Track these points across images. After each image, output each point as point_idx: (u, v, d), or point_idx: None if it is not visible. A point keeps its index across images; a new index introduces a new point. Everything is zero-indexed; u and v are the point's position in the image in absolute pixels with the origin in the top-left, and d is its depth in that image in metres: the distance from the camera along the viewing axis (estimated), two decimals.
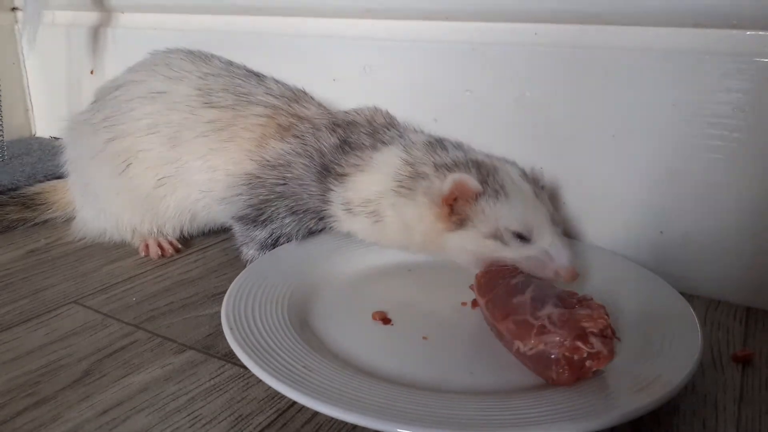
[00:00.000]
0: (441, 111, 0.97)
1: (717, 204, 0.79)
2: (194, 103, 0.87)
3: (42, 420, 0.59)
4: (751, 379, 0.65)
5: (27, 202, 1.05)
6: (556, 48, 0.86)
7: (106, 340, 0.72)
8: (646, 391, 0.54)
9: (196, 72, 0.90)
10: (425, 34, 0.96)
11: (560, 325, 0.57)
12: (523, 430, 0.51)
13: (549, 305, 0.60)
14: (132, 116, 0.89)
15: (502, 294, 0.64)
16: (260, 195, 0.83)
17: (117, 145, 0.90)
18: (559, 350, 0.57)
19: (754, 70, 0.74)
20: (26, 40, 1.53)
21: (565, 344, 0.56)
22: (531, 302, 0.61)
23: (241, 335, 0.64)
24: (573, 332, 0.56)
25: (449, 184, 0.71)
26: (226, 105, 0.87)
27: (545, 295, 0.61)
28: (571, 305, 0.60)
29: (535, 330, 0.58)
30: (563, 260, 0.69)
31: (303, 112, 0.88)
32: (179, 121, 0.87)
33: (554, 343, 0.57)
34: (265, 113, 0.87)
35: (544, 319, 0.58)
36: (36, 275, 0.89)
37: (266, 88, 0.90)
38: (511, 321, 0.61)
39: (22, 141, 1.52)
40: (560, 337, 0.57)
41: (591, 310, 0.58)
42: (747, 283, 0.79)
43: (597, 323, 0.57)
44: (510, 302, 0.62)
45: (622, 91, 0.82)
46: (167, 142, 0.87)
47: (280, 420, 0.59)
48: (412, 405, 0.54)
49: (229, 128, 0.86)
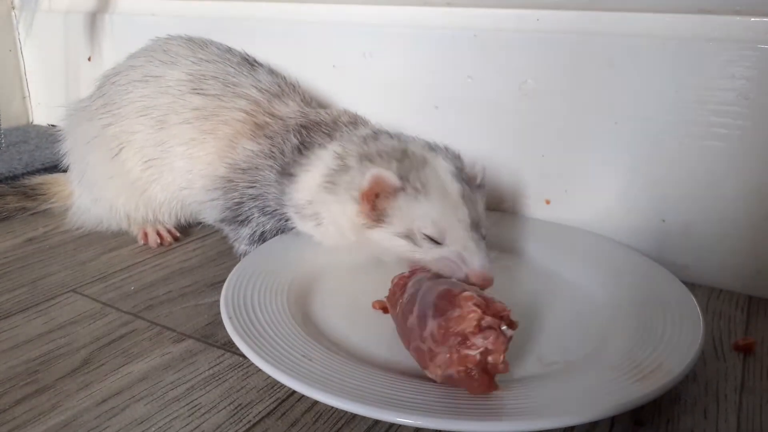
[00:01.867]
0: (442, 98, 0.96)
1: (719, 192, 0.79)
2: (183, 87, 0.87)
3: (41, 409, 0.59)
4: (753, 367, 0.65)
5: (28, 191, 1.05)
6: (558, 34, 0.85)
7: (104, 329, 0.72)
8: (647, 380, 0.54)
9: (191, 57, 0.90)
10: (426, 21, 0.95)
11: (441, 340, 0.53)
12: (522, 421, 0.51)
13: (429, 319, 0.55)
14: (128, 99, 0.90)
15: (400, 317, 0.61)
16: (234, 198, 0.84)
17: (112, 129, 0.90)
18: (454, 368, 0.52)
19: (758, 57, 0.73)
20: (23, 27, 1.52)
21: (454, 360, 0.52)
22: (418, 322, 0.57)
23: (241, 324, 0.64)
24: (454, 344, 0.52)
25: (367, 179, 0.68)
26: (213, 93, 0.87)
27: (426, 306, 0.57)
28: (444, 309, 0.55)
29: (428, 356, 0.54)
30: (475, 264, 0.65)
31: (279, 111, 0.86)
32: (167, 105, 0.87)
33: (446, 363, 0.53)
34: (246, 108, 0.86)
35: (429, 340, 0.54)
36: (34, 264, 0.88)
37: (255, 79, 0.89)
38: (413, 350, 0.57)
39: (20, 129, 1.51)
40: (446, 353, 0.53)
41: (460, 308, 0.53)
42: (749, 272, 0.79)
43: (469, 320, 0.52)
44: (405, 326, 0.59)
45: (625, 78, 0.81)
46: (155, 125, 0.88)
47: (279, 409, 0.58)
48: (411, 394, 0.54)
49: (212, 118, 0.86)
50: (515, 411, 0.52)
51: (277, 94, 0.88)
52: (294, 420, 0.57)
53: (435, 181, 0.68)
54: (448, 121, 0.97)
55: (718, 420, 0.57)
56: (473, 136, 0.95)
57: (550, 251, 0.82)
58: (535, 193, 0.92)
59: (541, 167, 0.91)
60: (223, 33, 0.99)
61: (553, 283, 0.77)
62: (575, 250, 0.82)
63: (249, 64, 0.91)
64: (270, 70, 0.92)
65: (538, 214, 0.92)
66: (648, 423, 0.57)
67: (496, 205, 0.96)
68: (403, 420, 0.51)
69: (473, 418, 0.51)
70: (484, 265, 0.65)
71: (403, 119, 1.00)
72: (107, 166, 0.91)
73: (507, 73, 0.90)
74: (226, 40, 0.96)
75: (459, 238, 0.66)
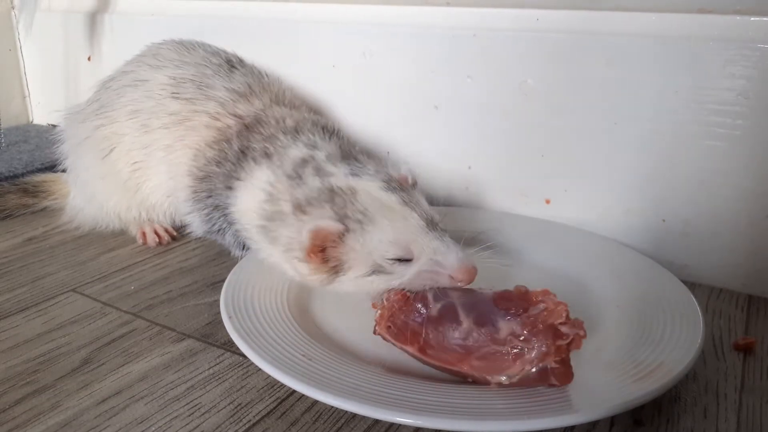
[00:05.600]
0: (441, 98, 0.96)
1: (719, 192, 0.79)
2: (164, 91, 0.87)
3: (41, 408, 0.59)
4: (753, 367, 0.65)
5: (29, 188, 1.06)
6: (558, 34, 0.85)
7: (104, 329, 0.72)
8: (647, 380, 0.54)
9: (176, 60, 0.90)
10: (426, 20, 0.95)
11: (533, 336, 0.54)
12: (522, 421, 0.51)
13: (500, 322, 0.55)
14: (119, 103, 0.90)
15: (435, 334, 0.58)
16: (202, 209, 0.82)
17: (104, 131, 0.91)
18: (546, 360, 0.53)
19: (758, 57, 0.73)
20: (23, 26, 1.52)
21: (549, 352, 0.53)
22: (478, 329, 0.56)
23: (241, 324, 0.64)
24: (549, 336, 0.53)
25: (307, 236, 0.64)
26: (187, 97, 0.85)
27: (486, 311, 0.56)
28: (518, 309, 0.55)
29: (512, 357, 0.55)
30: (453, 262, 0.62)
31: (242, 110, 0.83)
32: (150, 109, 0.87)
33: (539, 357, 0.54)
34: (212, 111, 0.83)
35: (511, 340, 0.54)
36: (34, 263, 0.88)
37: (228, 80, 0.86)
38: (474, 359, 0.56)
39: (20, 128, 1.51)
40: (541, 347, 0.53)
41: (545, 304, 0.55)
42: (749, 271, 0.79)
43: (558, 312, 0.54)
44: (450, 340, 0.57)
45: (625, 77, 0.81)
46: (140, 128, 0.88)
47: (279, 408, 0.58)
48: (410, 394, 0.54)
49: (184, 123, 0.84)
50: (515, 410, 0.52)
51: (244, 93, 0.85)
52: (294, 419, 0.57)
53: (372, 204, 0.65)
54: (448, 120, 0.97)
55: (718, 419, 0.57)
56: (473, 136, 0.95)
57: (550, 251, 0.82)
58: (535, 193, 0.92)
59: (541, 167, 0.91)
60: (223, 33, 0.99)
61: (553, 283, 0.75)
62: (575, 250, 0.82)
63: (230, 65, 0.89)
64: (251, 71, 0.90)
65: (539, 213, 0.92)
66: (648, 422, 0.56)
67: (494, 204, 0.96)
68: (403, 420, 0.51)
69: (473, 417, 0.51)
70: (461, 259, 0.62)
71: (403, 119, 1.01)
72: (98, 165, 0.91)
73: (507, 72, 0.90)
74: (226, 40, 0.96)
75: (424, 245, 0.63)
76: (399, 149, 1.02)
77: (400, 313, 0.61)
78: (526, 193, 0.93)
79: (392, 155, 1.02)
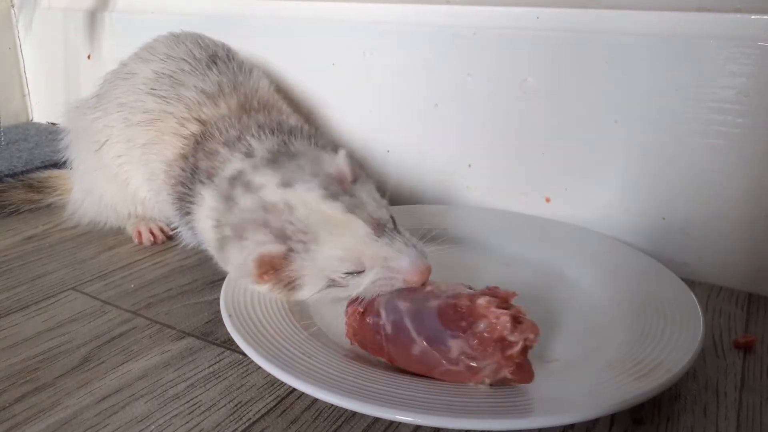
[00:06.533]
0: (441, 96, 0.96)
1: (719, 190, 0.79)
2: (144, 86, 0.85)
3: (41, 407, 0.59)
4: (753, 365, 0.65)
5: (34, 183, 1.06)
6: (558, 32, 0.85)
7: (104, 327, 0.72)
8: (646, 378, 0.54)
9: (163, 54, 0.88)
10: (426, 18, 0.95)
11: (482, 355, 0.53)
12: (522, 419, 0.51)
13: (449, 340, 0.54)
14: (113, 95, 0.90)
15: (393, 351, 0.58)
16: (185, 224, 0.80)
17: (98, 123, 0.90)
18: (501, 372, 0.53)
19: (758, 55, 0.73)
20: (22, 25, 1.52)
21: (502, 364, 0.53)
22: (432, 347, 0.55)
23: (240, 322, 0.64)
24: (496, 351, 0.53)
25: (251, 266, 0.62)
26: (161, 95, 0.83)
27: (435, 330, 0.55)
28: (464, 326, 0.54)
29: (467, 374, 0.54)
30: (404, 266, 0.60)
31: (205, 115, 0.80)
32: (132, 103, 0.86)
33: (492, 371, 0.53)
34: (180, 116, 0.81)
35: (463, 360, 0.54)
36: (34, 262, 0.88)
37: (201, 78, 0.83)
38: (437, 374, 0.56)
39: (19, 126, 1.51)
40: (492, 364, 0.53)
41: (486, 318, 0.53)
42: (749, 269, 0.79)
43: (501, 324, 0.53)
44: (411, 355, 0.56)
45: (625, 76, 0.81)
46: (124, 121, 0.87)
47: (279, 407, 0.58)
48: (411, 392, 0.54)
49: (156, 123, 0.82)
50: (515, 409, 0.52)
51: (213, 94, 0.82)
52: (294, 418, 0.57)
53: (312, 217, 0.62)
54: (448, 118, 0.97)
55: (718, 418, 0.57)
56: (473, 134, 0.95)
57: (550, 249, 0.82)
58: (535, 191, 0.92)
59: (541, 165, 0.91)
60: (223, 30, 0.99)
61: (552, 281, 0.77)
62: (575, 248, 0.82)
63: (211, 60, 0.86)
64: (230, 68, 0.87)
65: (539, 211, 0.92)
66: (648, 421, 0.56)
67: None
68: (403, 418, 0.51)
69: (472, 416, 0.51)
70: (412, 261, 0.60)
71: (402, 117, 1.01)
72: (92, 158, 0.91)
73: (507, 70, 0.90)
74: (226, 38, 0.95)
75: (373, 254, 0.60)
76: (398, 147, 1.02)
77: (360, 328, 0.60)
78: (526, 192, 0.93)
79: (392, 153, 1.03)
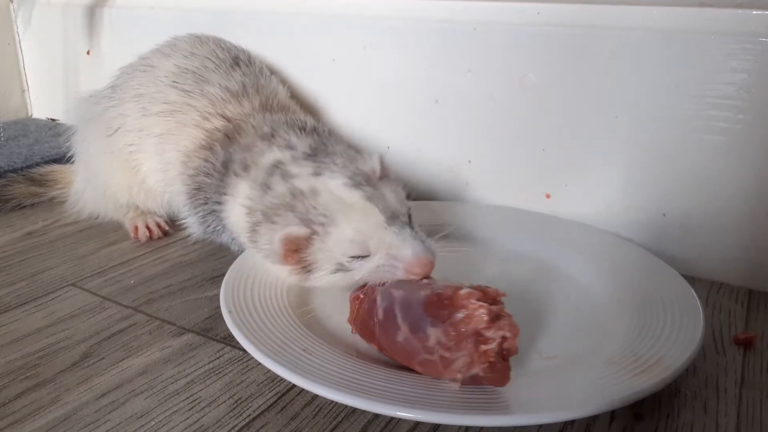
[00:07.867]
0: (442, 92, 0.96)
1: (720, 186, 0.78)
2: (167, 79, 0.89)
3: (41, 402, 0.59)
4: (753, 361, 0.65)
5: (36, 177, 1.07)
6: (558, 28, 0.85)
7: (104, 323, 0.72)
8: (647, 374, 0.54)
9: (186, 51, 0.91)
10: (426, 14, 0.94)
11: (456, 346, 0.52)
12: (522, 415, 0.51)
13: (428, 328, 0.54)
14: (130, 85, 0.92)
15: (383, 337, 0.58)
16: (197, 213, 0.83)
17: (113, 112, 0.92)
18: (472, 368, 0.52)
19: (759, 51, 0.73)
20: (21, 20, 1.52)
21: (475, 359, 0.52)
22: (414, 335, 0.55)
23: (240, 318, 0.64)
24: (471, 344, 0.52)
25: (277, 245, 0.66)
26: (185, 89, 0.87)
27: (417, 317, 0.55)
28: (444, 315, 0.54)
29: (441, 365, 0.53)
30: (407, 256, 0.62)
31: (230, 112, 0.84)
32: (152, 94, 0.89)
33: (465, 366, 0.52)
34: (204, 111, 0.84)
35: (438, 349, 0.53)
36: (34, 257, 0.88)
37: (226, 77, 0.87)
38: (417, 364, 0.56)
39: (19, 122, 1.50)
40: (465, 357, 0.52)
41: (465, 309, 0.53)
42: (749, 266, 0.79)
43: (478, 318, 0.52)
44: (396, 344, 0.57)
45: (626, 72, 0.81)
46: (140, 111, 0.89)
47: (279, 403, 0.58)
48: (411, 388, 0.54)
49: (176, 114, 0.86)
50: (515, 405, 0.52)
51: (237, 93, 0.86)
52: (294, 414, 0.57)
53: (334, 204, 0.65)
54: (448, 115, 0.96)
55: (717, 414, 0.57)
56: (473, 130, 0.95)
57: (550, 245, 0.82)
58: (536, 187, 0.92)
59: (542, 161, 0.90)
60: (222, 26, 0.99)
61: (553, 277, 0.77)
62: (575, 245, 0.82)
63: (234, 62, 0.90)
64: (253, 71, 0.90)
65: (539, 208, 0.92)
66: (648, 417, 0.56)
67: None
68: (403, 414, 0.51)
69: (472, 412, 0.51)
70: (415, 253, 0.62)
71: (403, 113, 1.01)
72: (102, 143, 0.93)
73: (507, 66, 0.89)
74: (225, 34, 0.96)
75: (380, 241, 0.63)
76: (399, 143, 1.02)
77: (359, 314, 0.62)
78: (527, 188, 0.93)
79: (392, 149, 1.02)
